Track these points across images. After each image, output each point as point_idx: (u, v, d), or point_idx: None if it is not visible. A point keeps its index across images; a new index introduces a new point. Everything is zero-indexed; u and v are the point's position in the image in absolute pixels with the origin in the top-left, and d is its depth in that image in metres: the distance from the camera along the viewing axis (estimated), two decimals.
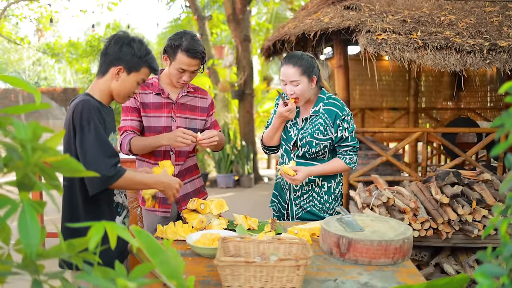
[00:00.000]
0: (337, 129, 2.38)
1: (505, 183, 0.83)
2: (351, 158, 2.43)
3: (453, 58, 3.68)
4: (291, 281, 1.42)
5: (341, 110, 2.38)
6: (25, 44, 13.07)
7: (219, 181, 8.44)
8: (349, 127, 2.40)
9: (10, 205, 0.73)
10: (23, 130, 0.73)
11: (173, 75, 2.39)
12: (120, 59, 1.86)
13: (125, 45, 1.86)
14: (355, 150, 2.44)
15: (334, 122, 2.37)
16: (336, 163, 2.43)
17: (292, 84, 2.34)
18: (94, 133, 1.74)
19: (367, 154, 5.60)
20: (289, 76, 2.33)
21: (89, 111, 1.77)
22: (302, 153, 2.44)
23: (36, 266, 0.77)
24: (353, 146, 2.42)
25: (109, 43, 1.89)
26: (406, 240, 1.73)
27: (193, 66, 2.35)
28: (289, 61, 2.35)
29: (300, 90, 2.34)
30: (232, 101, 10.00)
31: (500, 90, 0.83)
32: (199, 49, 2.32)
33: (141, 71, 1.90)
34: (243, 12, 8.50)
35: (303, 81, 2.33)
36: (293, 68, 2.32)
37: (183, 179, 2.56)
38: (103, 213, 1.89)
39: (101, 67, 1.90)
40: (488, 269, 0.79)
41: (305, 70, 2.32)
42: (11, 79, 0.88)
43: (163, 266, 0.84)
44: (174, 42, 2.33)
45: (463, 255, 3.24)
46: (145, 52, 1.89)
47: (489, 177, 3.29)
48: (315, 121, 2.41)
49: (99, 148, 1.74)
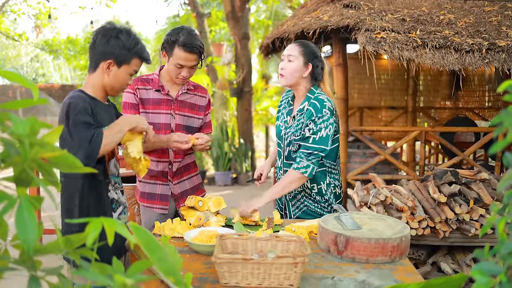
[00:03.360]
0: (305, 128, 2.29)
1: (503, 182, 0.84)
2: (300, 162, 2.22)
3: (452, 57, 3.68)
4: (288, 279, 1.42)
5: (318, 111, 2.25)
6: (23, 41, 13.04)
7: (217, 179, 8.44)
8: (314, 129, 2.24)
9: (7, 201, 0.73)
10: (21, 125, 0.72)
11: (172, 71, 2.38)
12: (109, 52, 1.82)
13: (113, 37, 1.82)
14: (310, 155, 2.22)
15: (307, 121, 2.28)
16: (287, 175, 2.27)
17: (287, 59, 2.33)
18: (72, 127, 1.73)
19: (365, 153, 5.62)
20: (288, 50, 2.35)
21: (75, 109, 1.74)
22: (287, 153, 2.41)
23: (33, 262, 0.77)
24: (307, 150, 2.23)
25: (97, 36, 1.85)
26: (404, 238, 1.73)
27: (190, 61, 2.34)
28: (296, 41, 2.40)
29: (291, 68, 2.32)
30: (231, 99, 9.99)
31: (498, 89, 0.83)
32: (196, 44, 2.31)
33: (131, 63, 1.87)
34: (242, 9, 8.48)
35: (298, 60, 2.31)
36: (296, 46, 2.35)
37: (181, 177, 2.56)
38: (96, 209, 1.87)
39: (91, 62, 1.87)
40: (486, 267, 0.79)
41: (306, 53, 2.32)
42: (9, 74, 0.87)
43: (160, 263, 0.84)
44: (171, 37, 2.32)
45: (460, 254, 3.25)
46: (134, 43, 1.85)
47: (487, 177, 3.30)
48: (299, 120, 2.35)
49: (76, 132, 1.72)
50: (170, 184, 2.52)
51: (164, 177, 2.52)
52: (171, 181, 2.52)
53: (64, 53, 13.07)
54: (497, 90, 0.85)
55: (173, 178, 2.53)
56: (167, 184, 2.52)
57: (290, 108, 2.47)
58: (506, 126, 0.78)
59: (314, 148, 2.23)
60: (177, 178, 2.55)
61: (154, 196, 2.51)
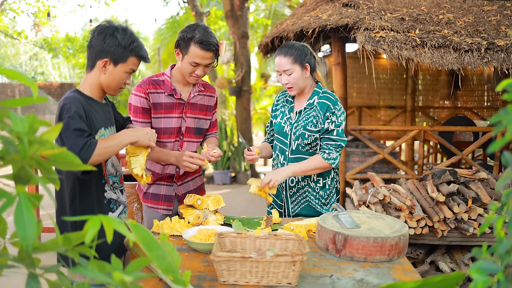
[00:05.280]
0: (325, 121, 2.36)
1: (501, 181, 0.84)
2: (330, 153, 2.33)
3: (451, 57, 3.68)
4: (286, 277, 1.42)
5: (334, 104, 2.36)
6: (22, 39, 13.01)
7: (215, 178, 8.44)
8: (337, 122, 2.36)
9: (6, 198, 0.73)
10: (20, 123, 0.72)
11: (186, 69, 2.30)
12: (105, 51, 1.80)
13: (108, 36, 1.79)
14: (338, 147, 2.36)
15: (325, 114, 2.35)
16: (315, 159, 2.36)
17: (285, 73, 2.36)
18: (63, 132, 1.70)
19: (363, 152, 5.62)
20: (281, 66, 2.36)
21: (67, 112, 1.73)
22: (296, 147, 2.44)
23: (32, 259, 0.77)
24: (336, 142, 2.35)
25: (93, 35, 1.82)
26: (402, 237, 1.73)
27: (206, 59, 2.27)
28: (281, 52, 2.39)
29: (294, 78, 2.35)
30: (230, 97, 9.99)
31: (497, 87, 0.83)
32: (212, 41, 2.24)
33: (128, 61, 1.84)
34: (241, 8, 8.48)
35: (296, 69, 2.35)
36: (285, 58, 2.35)
37: (186, 177, 2.55)
38: (91, 211, 1.85)
39: (88, 61, 1.85)
40: (484, 265, 0.79)
41: (297, 59, 2.35)
42: (8, 72, 0.87)
43: (159, 261, 0.84)
44: (187, 34, 2.24)
45: (458, 253, 3.25)
46: (130, 41, 1.82)
47: (485, 176, 3.30)
48: (308, 113, 2.40)
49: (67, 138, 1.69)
50: (174, 185, 2.51)
51: (170, 178, 2.50)
52: (176, 182, 2.51)
53: (63, 51, 13.03)
54: (496, 89, 0.85)
55: (178, 179, 2.52)
56: (171, 185, 2.51)
57: (291, 106, 2.48)
58: (505, 124, 0.78)
59: (340, 140, 2.36)
60: (182, 179, 2.53)
61: (159, 197, 2.49)
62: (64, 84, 17.94)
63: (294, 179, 2.45)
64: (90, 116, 1.79)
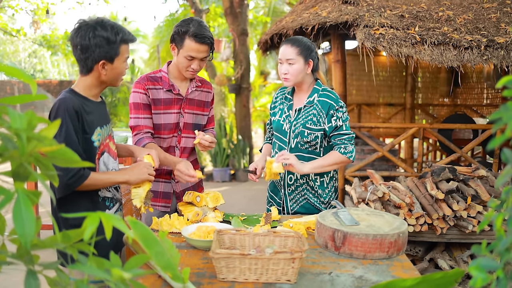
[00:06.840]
0: (330, 119, 2.35)
1: (501, 178, 0.84)
2: (346, 147, 2.34)
3: (451, 54, 3.68)
4: (286, 274, 1.42)
5: (336, 101, 2.36)
6: (21, 36, 12.98)
7: (215, 175, 8.44)
8: (343, 117, 2.37)
9: (5, 195, 0.73)
10: (18, 120, 0.72)
11: (182, 64, 2.32)
12: (97, 54, 1.78)
13: (92, 38, 1.76)
14: (351, 139, 2.37)
15: (328, 112, 2.35)
16: (333, 155, 2.36)
17: (287, 62, 2.35)
18: (63, 139, 1.70)
19: (363, 149, 5.62)
20: (285, 55, 2.35)
21: (64, 112, 1.72)
22: (295, 144, 2.44)
23: (31, 256, 0.77)
24: (348, 135, 2.36)
25: (75, 41, 1.79)
26: (401, 234, 1.73)
27: (201, 53, 2.29)
28: (289, 41, 2.39)
29: (295, 70, 2.34)
30: (229, 95, 9.98)
31: (497, 84, 0.83)
32: (207, 34, 2.26)
33: (121, 52, 1.83)
34: (241, 5, 8.46)
35: (299, 61, 2.34)
36: (291, 48, 2.35)
37: None
38: (83, 208, 1.85)
39: (81, 66, 1.83)
40: (483, 262, 0.79)
41: (303, 51, 2.34)
42: (8, 68, 0.87)
43: (158, 258, 0.84)
44: (181, 28, 2.26)
45: (457, 250, 3.26)
46: (114, 33, 1.80)
47: (485, 174, 3.31)
48: (308, 111, 2.40)
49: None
50: (172, 182, 2.51)
51: (168, 175, 2.50)
52: (174, 179, 2.51)
53: (62, 48, 13.01)
54: (496, 86, 0.85)
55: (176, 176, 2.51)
56: (169, 181, 2.51)
57: (290, 103, 2.48)
58: (505, 121, 0.78)
59: (350, 132, 2.37)
60: None
61: (157, 194, 2.49)
62: (63, 82, 17.89)
63: (293, 177, 2.44)
64: (84, 118, 1.79)
